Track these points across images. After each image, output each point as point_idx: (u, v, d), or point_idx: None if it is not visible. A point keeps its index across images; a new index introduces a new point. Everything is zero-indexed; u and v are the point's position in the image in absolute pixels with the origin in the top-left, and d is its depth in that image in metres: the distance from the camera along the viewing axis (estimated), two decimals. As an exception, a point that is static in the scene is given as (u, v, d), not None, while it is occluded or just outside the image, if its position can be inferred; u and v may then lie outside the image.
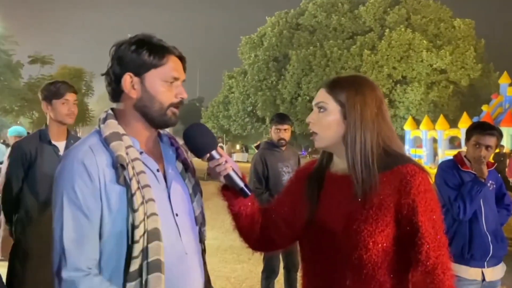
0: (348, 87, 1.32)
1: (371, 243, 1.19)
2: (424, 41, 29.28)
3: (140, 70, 1.29)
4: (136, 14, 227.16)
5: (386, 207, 1.21)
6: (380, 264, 1.20)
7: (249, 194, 1.37)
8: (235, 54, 36.85)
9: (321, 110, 1.33)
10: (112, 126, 1.29)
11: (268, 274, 3.88)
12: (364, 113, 1.28)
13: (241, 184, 1.36)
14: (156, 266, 1.20)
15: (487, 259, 2.62)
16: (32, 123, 26.29)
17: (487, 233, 2.62)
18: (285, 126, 3.85)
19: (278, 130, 3.84)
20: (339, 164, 1.35)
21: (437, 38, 31.32)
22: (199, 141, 1.36)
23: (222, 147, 21.87)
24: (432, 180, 1.26)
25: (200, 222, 1.45)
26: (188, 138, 1.37)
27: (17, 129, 6.19)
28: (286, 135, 3.86)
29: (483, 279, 2.64)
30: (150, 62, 1.29)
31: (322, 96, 1.34)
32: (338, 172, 1.35)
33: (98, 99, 36.33)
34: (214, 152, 1.35)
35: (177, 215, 1.32)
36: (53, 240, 1.22)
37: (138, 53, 1.29)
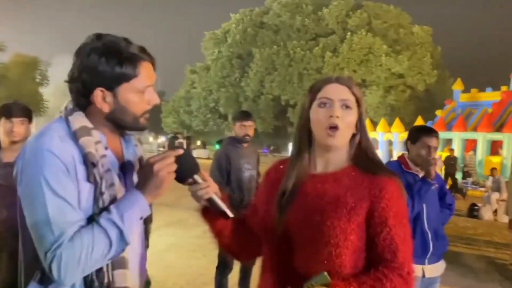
0: (359, 91, 1.40)
1: (342, 240, 1.22)
2: (384, 46, 30.11)
3: (112, 84, 1.23)
4: (96, 7, 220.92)
5: (359, 208, 1.25)
6: (346, 261, 1.23)
7: (230, 216, 1.38)
8: (198, 49, 36.55)
9: (346, 108, 1.33)
10: (81, 119, 1.25)
11: (222, 269, 3.90)
12: (365, 118, 1.40)
13: (223, 207, 1.36)
14: (120, 263, 1.23)
15: (428, 256, 2.75)
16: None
17: (428, 231, 2.75)
18: (250, 123, 3.89)
19: (244, 126, 3.88)
20: (321, 164, 1.37)
21: (396, 43, 32.28)
22: (181, 168, 1.27)
23: (182, 143, 21.61)
24: (403, 189, 1.34)
25: (148, 220, 1.45)
26: None
27: None
28: (251, 131, 3.91)
29: (423, 276, 2.76)
30: (122, 75, 1.22)
31: (347, 94, 1.34)
32: (318, 172, 1.36)
33: (54, 90, 34.97)
34: (196, 177, 1.32)
35: None
36: (34, 231, 1.15)
37: (110, 66, 1.20)
